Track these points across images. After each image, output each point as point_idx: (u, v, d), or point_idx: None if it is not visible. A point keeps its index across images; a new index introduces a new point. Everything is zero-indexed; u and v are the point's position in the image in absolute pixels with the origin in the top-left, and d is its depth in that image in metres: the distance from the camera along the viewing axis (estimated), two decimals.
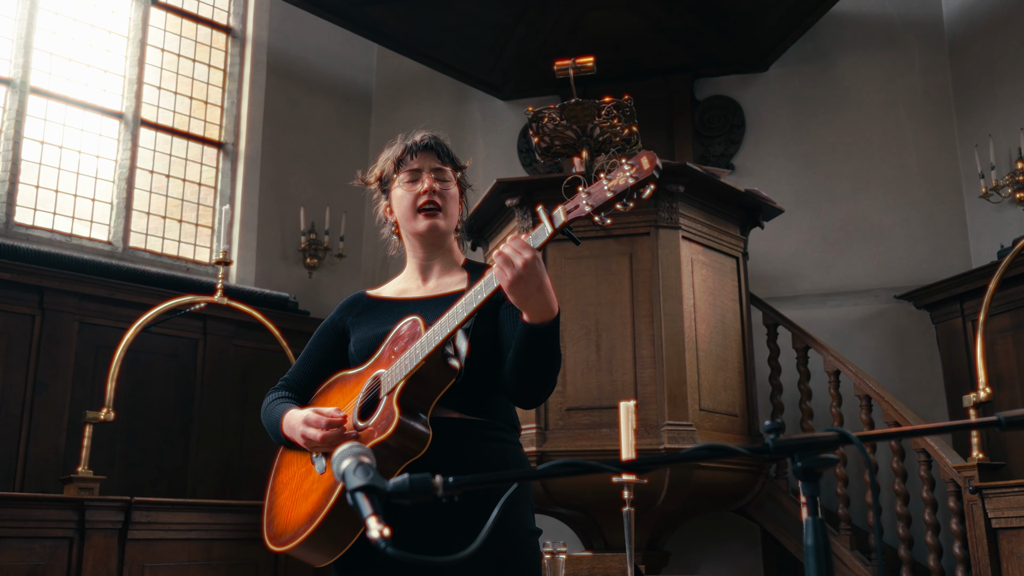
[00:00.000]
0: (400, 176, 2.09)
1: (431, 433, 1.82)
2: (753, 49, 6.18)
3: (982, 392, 4.06)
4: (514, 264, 1.70)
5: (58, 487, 4.41)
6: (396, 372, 1.86)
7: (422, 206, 2.04)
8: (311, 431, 1.88)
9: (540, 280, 1.72)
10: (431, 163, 2.08)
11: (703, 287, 4.43)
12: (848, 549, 4.44)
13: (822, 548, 1.13)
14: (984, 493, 3.92)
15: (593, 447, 4.08)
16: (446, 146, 2.14)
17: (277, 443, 2.07)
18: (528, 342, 1.78)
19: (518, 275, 1.70)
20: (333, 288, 6.29)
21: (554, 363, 1.85)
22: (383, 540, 1.08)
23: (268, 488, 2.07)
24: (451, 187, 2.09)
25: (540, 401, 1.93)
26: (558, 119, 4.48)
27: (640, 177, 1.63)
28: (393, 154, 2.13)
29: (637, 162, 1.64)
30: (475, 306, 1.78)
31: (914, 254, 5.84)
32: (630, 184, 1.63)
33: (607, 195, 1.65)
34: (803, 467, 1.15)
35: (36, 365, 4.82)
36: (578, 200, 1.69)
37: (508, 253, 1.71)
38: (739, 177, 6.02)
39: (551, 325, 1.77)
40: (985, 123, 5.70)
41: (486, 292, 1.77)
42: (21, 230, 5.22)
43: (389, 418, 1.80)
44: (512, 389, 1.90)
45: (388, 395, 1.85)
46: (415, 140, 2.12)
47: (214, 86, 6.32)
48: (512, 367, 1.85)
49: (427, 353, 1.81)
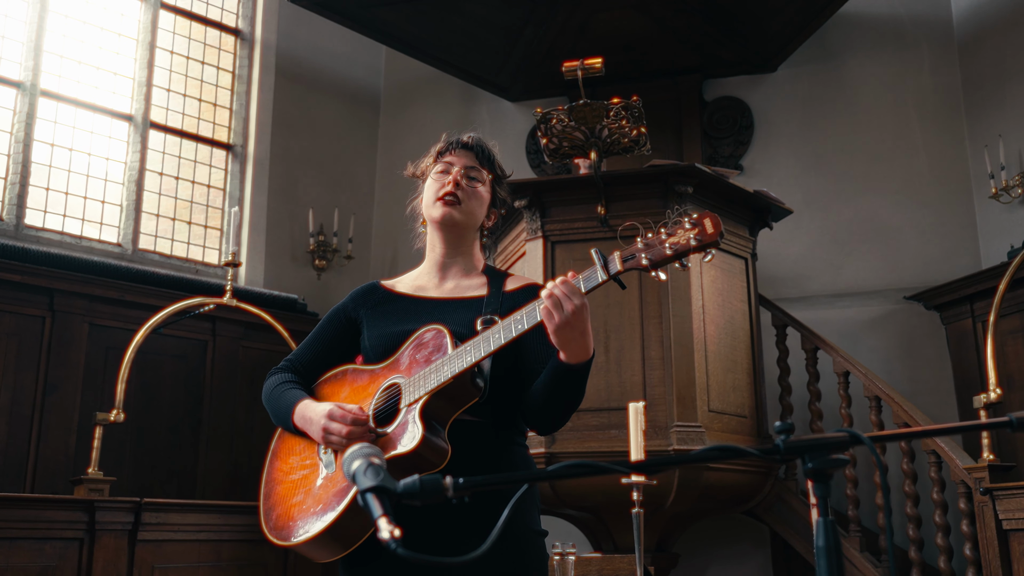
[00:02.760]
0: (434, 167, 2.12)
1: (450, 448, 1.81)
2: (762, 50, 6.17)
3: (992, 393, 4.04)
4: (563, 309, 1.70)
5: (68, 488, 4.43)
6: (419, 383, 1.84)
7: (443, 196, 2.05)
8: (335, 426, 1.85)
9: (584, 326, 1.74)
10: (466, 161, 2.10)
11: (712, 288, 4.42)
12: (858, 551, 4.42)
13: (833, 549, 1.13)
14: (995, 495, 3.90)
15: (602, 448, 4.07)
16: (488, 150, 2.15)
17: (277, 424, 2.06)
18: (560, 379, 1.81)
19: (566, 320, 1.71)
20: (342, 290, 6.30)
21: (580, 398, 1.87)
22: (394, 541, 1.09)
23: (264, 474, 2.04)
24: (479, 187, 2.09)
25: (556, 429, 1.96)
26: (566, 120, 4.48)
27: (703, 241, 1.64)
28: (436, 148, 2.16)
29: (700, 224, 1.64)
30: (514, 335, 1.77)
31: (924, 255, 5.82)
32: (692, 246, 1.64)
33: (666, 253, 1.66)
34: (814, 468, 1.15)
35: (46, 367, 4.84)
36: (635, 251, 1.70)
37: (559, 296, 1.71)
38: (748, 178, 6.01)
39: (584, 366, 1.79)
40: (995, 123, 5.67)
41: (527, 324, 1.76)
42: (31, 232, 5.24)
43: (413, 432, 1.79)
44: (534, 416, 1.92)
45: (409, 407, 1.83)
46: (460, 138, 2.14)
47: (223, 88, 6.34)
48: (539, 398, 1.87)
49: (456, 372, 1.79)
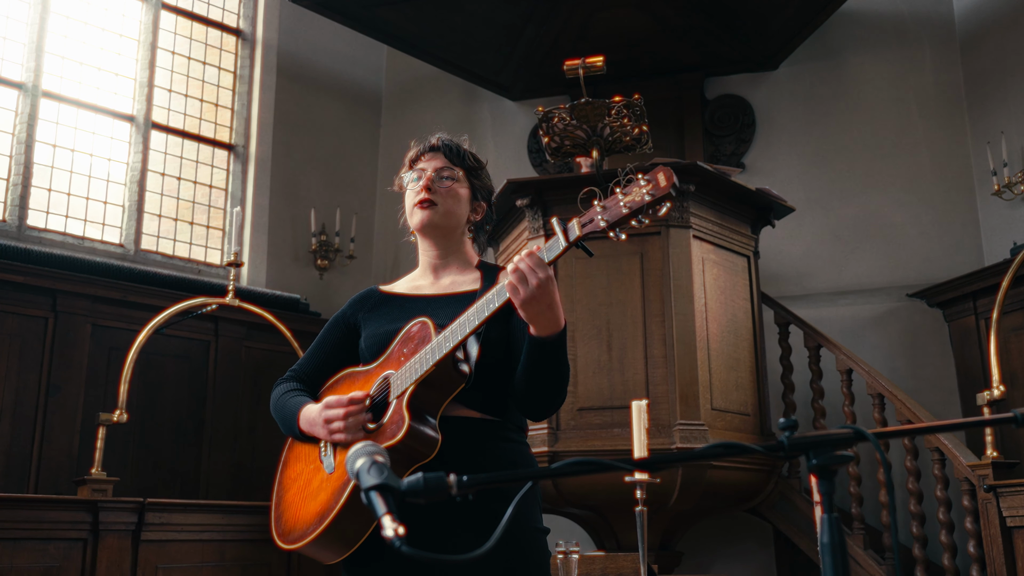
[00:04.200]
0: (409, 176, 2.12)
1: (440, 437, 1.82)
2: (763, 48, 6.16)
3: (996, 390, 4.04)
4: (528, 283, 1.71)
5: (72, 489, 4.43)
6: (405, 375, 1.86)
7: (418, 203, 2.06)
8: (333, 412, 1.87)
9: (551, 299, 1.74)
10: (437, 163, 2.10)
11: (714, 286, 4.42)
12: (862, 548, 4.42)
13: (838, 545, 1.13)
14: (998, 491, 3.89)
15: (605, 447, 4.07)
16: (456, 146, 2.14)
17: (287, 434, 2.07)
18: (534, 354, 1.81)
19: (531, 294, 1.71)
20: (344, 289, 6.30)
21: (561, 374, 1.86)
22: (398, 539, 1.08)
23: (276, 483, 2.07)
24: (454, 185, 2.09)
25: (548, 413, 1.95)
26: (568, 119, 4.47)
27: (657, 195, 1.62)
28: (408, 157, 2.16)
29: (654, 178, 1.63)
30: (487, 315, 1.78)
31: (926, 252, 5.81)
32: (646, 201, 1.63)
33: (623, 211, 1.65)
34: (818, 464, 1.14)
35: (49, 367, 4.84)
36: (593, 214, 1.68)
37: (524, 270, 1.72)
38: (750, 176, 6.00)
39: (557, 338, 1.79)
40: (997, 120, 5.66)
41: (498, 302, 1.77)
42: (34, 233, 5.25)
43: (399, 422, 1.80)
44: (521, 400, 1.91)
45: (398, 399, 1.85)
46: (428, 142, 2.14)
47: (224, 89, 6.34)
48: (520, 378, 1.87)
49: (437, 359, 1.81)
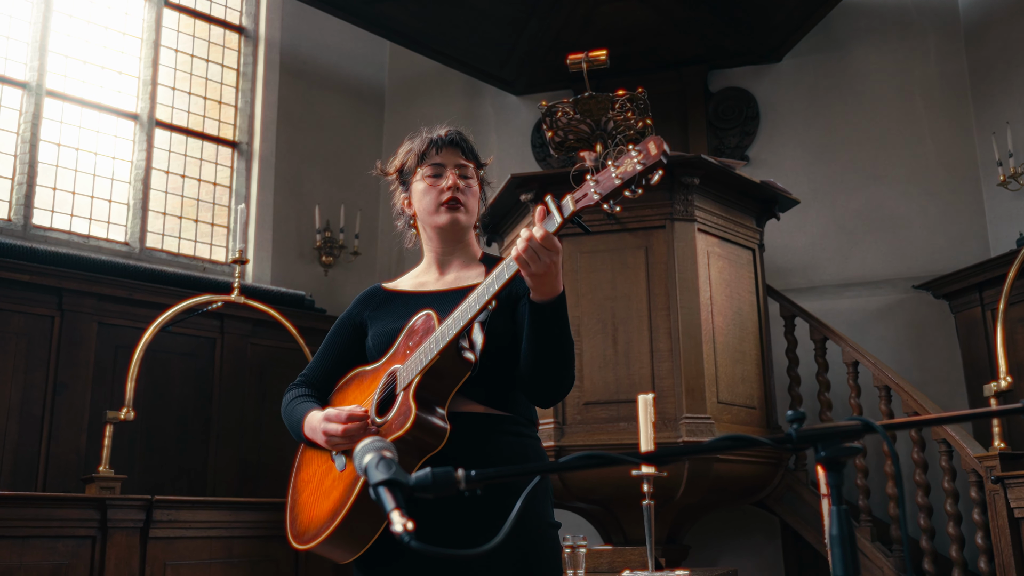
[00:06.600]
0: (423, 170, 2.09)
1: (449, 427, 1.82)
2: (767, 40, 6.14)
3: (1003, 381, 4.03)
4: (541, 259, 1.71)
5: (79, 487, 4.44)
6: (411, 367, 1.85)
7: (445, 202, 2.04)
8: (332, 426, 1.87)
9: (556, 269, 1.75)
10: (455, 159, 2.08)
11: (719, 279, 4.41)
12: (869, 540, 4.42)
13: (847, 538, 1.12)
14: (1006, 483, 3.89)
15: (611, 441, 4.07)
16: (470, 142, 2.13)
17: (298, 440, 2.07)
18: (536, 320, 1.81)
19: (543, 269, 1.72)
20: (349, 286, 6.31)
21: (564, 347, 1.85)
22: (407, 534, 1.08)
23: (290, 486, 2.07)
24: (473, 184, 2.09)
25: (556, 397, 1.93)
26: (572, 113, 4.47)
27: (648, 163, 1.58)
28: (416, 147, 2.12)
29: (644, 148, 1.60)
30: (487, 298, 1.77)
31: (932, 243, 5.79)
32: (638, 170, 1.59)
33: (615, 182, 1.62)
34: (827, 456, 1.14)
35: (56, 366, 4.85)
36: (586, 188, 1.65)
37: (536, 248, 1.71)
38: (754, 168, 5.99)
39: (558, 301, 1.79)
40: (1002, 110, 5.64)
41: (498, 284, 1.76)
42: (39, 232, 5.26)
43: (406, 414, 1.80)
44: (528, 381, 1.89)
45: (404, 390, 1.84)
46: (440, 135, 2.10)
47: (228, 86, 6.34)
48: (525, 355, 1.86)
49: (441, 348, 1.80)
